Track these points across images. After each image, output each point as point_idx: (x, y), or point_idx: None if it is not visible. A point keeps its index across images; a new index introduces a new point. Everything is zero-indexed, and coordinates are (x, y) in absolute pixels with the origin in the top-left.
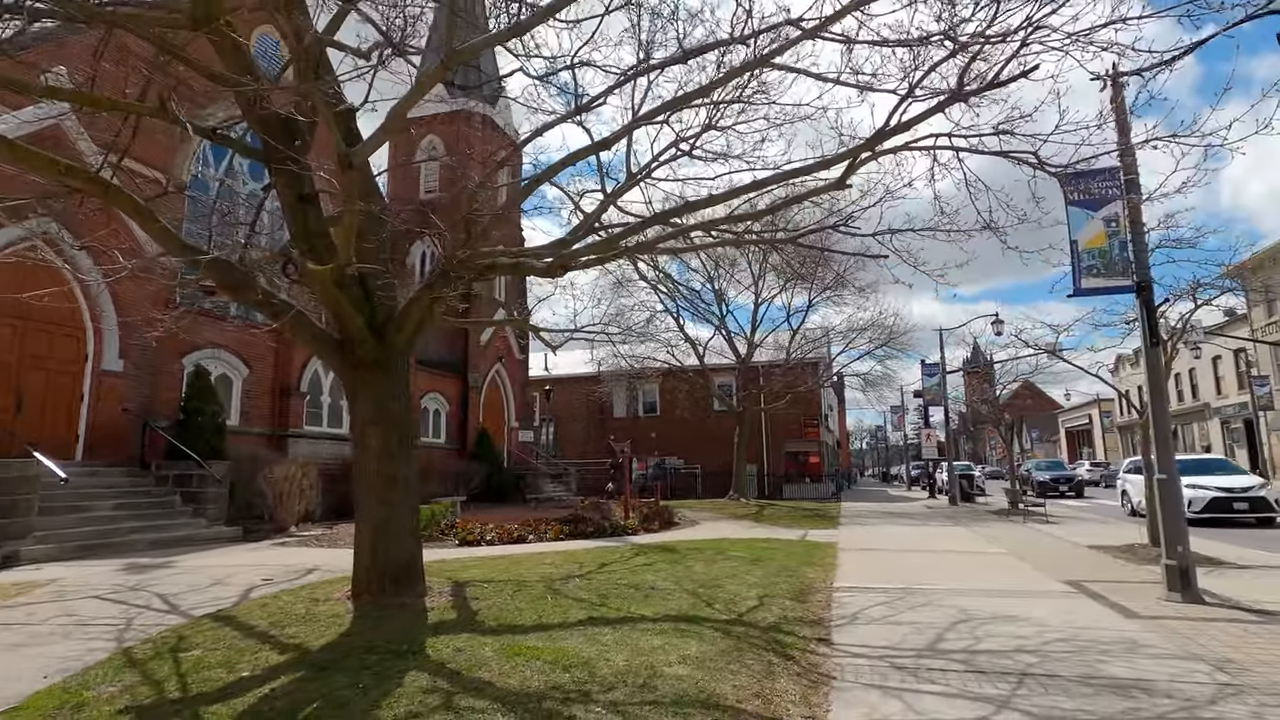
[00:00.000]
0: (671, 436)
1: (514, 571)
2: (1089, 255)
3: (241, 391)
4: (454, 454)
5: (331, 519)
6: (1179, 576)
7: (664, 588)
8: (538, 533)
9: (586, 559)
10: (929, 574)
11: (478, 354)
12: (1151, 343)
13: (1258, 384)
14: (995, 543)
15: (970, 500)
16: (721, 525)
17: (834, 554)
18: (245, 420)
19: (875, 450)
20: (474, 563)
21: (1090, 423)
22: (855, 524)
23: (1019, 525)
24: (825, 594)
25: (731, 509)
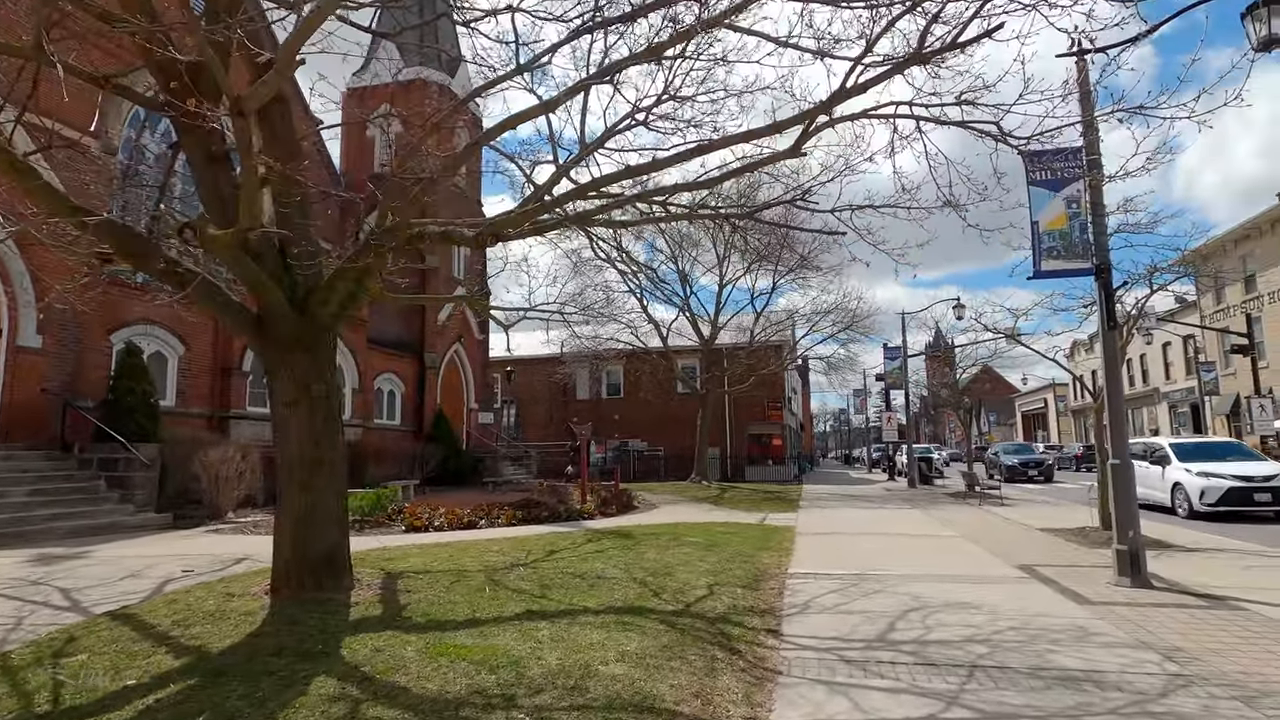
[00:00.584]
0: (635, 419)
1: (456, 560)
2: (1049, 237)
3: (178, 370)
4: (409, 436)
5: (274, 505)
6: (1129, 562)
7: (612, 576)
8: (490, 518)
9: (536, 546)
10: (884, 559)
11: (435, 334)
12: (1109, 326)
13: (1204, 369)
14: (950, 526)
15: (929, 483)
16: (681, 509)
17: (791, 538)
18: (182, 401)
19: (839, 433)
20: (416, 551)
21: (1046, 406)
22: (815, 507)
23: (975, 508)
24: (779, 581)
25: (693, 492)
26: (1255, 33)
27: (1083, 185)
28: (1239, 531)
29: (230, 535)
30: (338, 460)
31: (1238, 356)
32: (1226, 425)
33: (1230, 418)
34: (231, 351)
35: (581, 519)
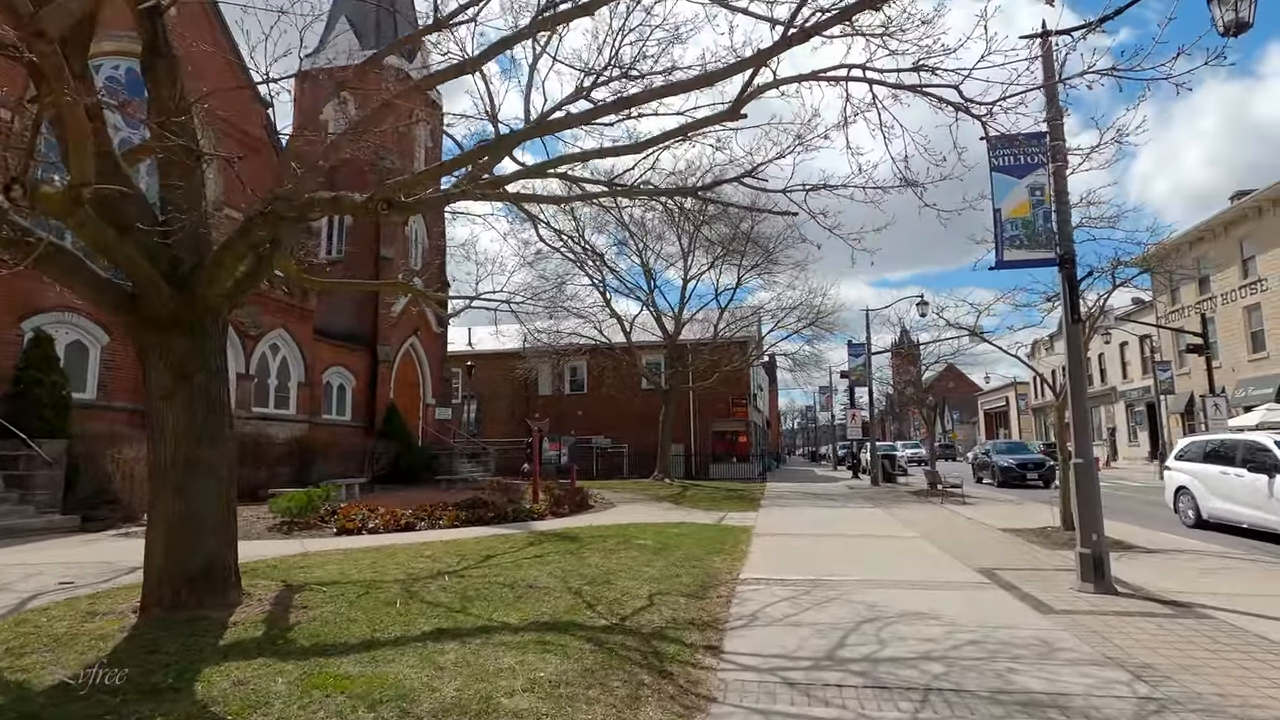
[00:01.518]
0: (598, 415)
1: (379, 568)
2: (1012, 225)
3: (100, 361)
4: (360, 432)
5: None
6: (1093, 566)
7: (546, 585)
8: (431, 518)
9: (472, 550)
10: (841, 563)
11: (389, 326)
12: (1072, 319)
13: (1160, 369)
14: (911, 526)
15: (892, 481)
16: (639, 508)
17: (747, 540)
18: (105, 394)
19: (806, 430)
20: (338, 557)
21: (1007, 405)
22: (776, 506)
23: (936, 507)
24: (729, 588)
25: (654, 490)
26: (1221, 16)
27: (1047, 173)
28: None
29: (139, 540)
30: (220, 459)
31: (1193, 356)
32: (1181, 424)
33: (1185, 416)
34: None
35: (531, 519)
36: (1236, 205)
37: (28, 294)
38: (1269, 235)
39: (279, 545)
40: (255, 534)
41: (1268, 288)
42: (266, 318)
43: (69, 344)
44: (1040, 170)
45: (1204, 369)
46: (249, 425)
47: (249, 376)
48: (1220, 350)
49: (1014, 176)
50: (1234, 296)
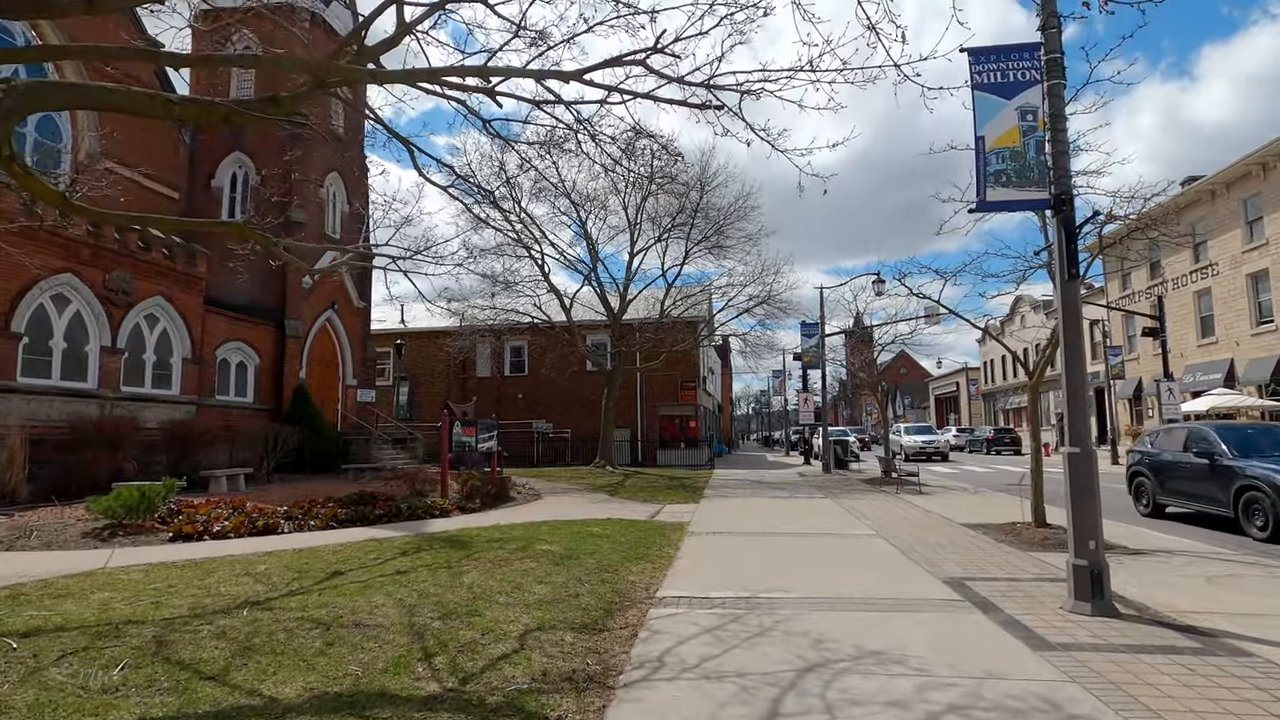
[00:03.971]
0: (540, 398)
1: (164, 597)
2: (998, 157)
3: None
4: (264, 416)
5: (48, 497)
6: (1089, 581)
7: (378, 623)
8: (308, 516)
9: (322, 564)
10: (783, 571)
11: (299, 299)
12: (1069, 274)
13: (1111, 353)
14: (864, 520)
15: (844, 467)
16: (568, 500)
17: (679, 540)
18: None
19: (761, 415)
20: (125, 579)
21: (958, 390)
22: (720, 497)
23: (890, 497)
24: (639, 612)
25: (592, 479)
26: None
27: (1041, 92)
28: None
29: None
30: None
31: (1146, 340)
32: (1129, 409)
33: (1133, 401)
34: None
35: (431, 517)
36: (1189, 189)
37: None
38: (1220, 220)
39: (71, 558)
40: (59, 542)
41: (1218, 273)
42: (141, 283)
43: None
44: (1033, 89)
45: (1154, 354)
46: (118, 407)
47: (116, 350)
48: (1170, 336)
49: (1000, 96)
50: (1184, 281)
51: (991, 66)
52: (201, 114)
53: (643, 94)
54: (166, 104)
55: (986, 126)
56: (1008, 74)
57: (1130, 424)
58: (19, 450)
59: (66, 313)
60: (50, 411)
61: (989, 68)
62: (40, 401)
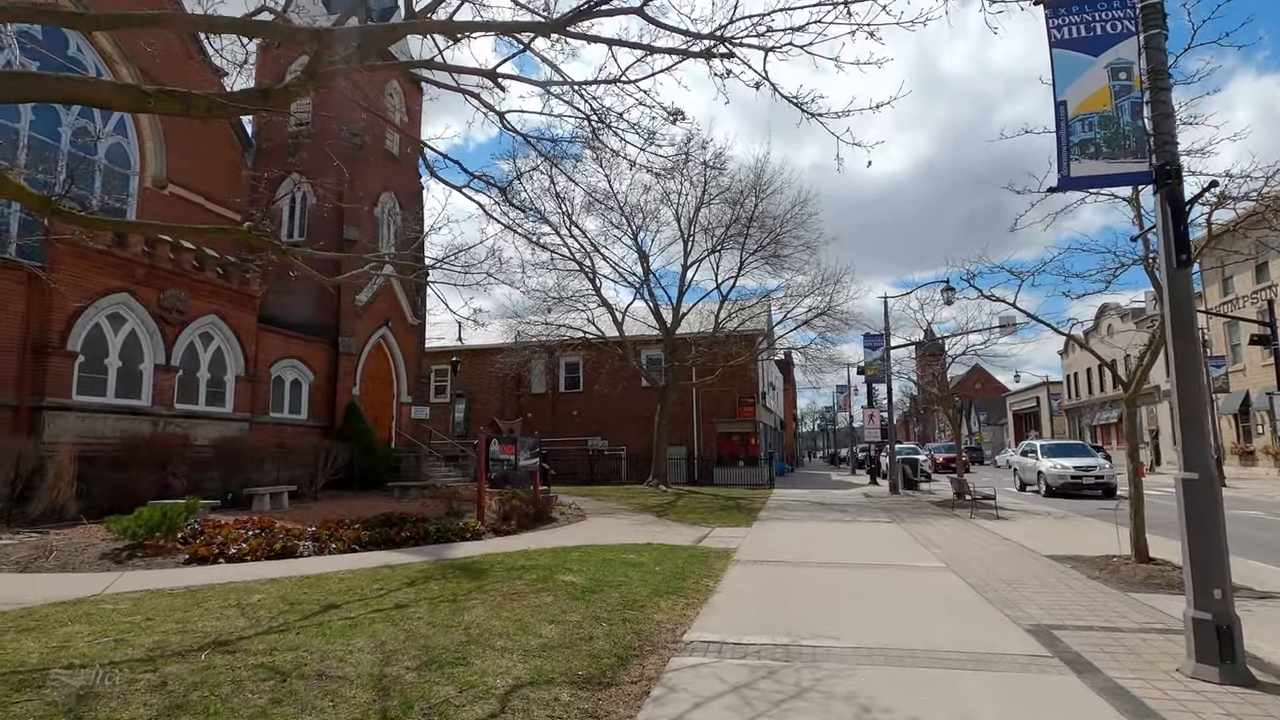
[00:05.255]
0: (595, 415)
1: (133, 632)
2: (1084, 125)
3: None
4: (317, 432)
5: (95, 515)
6: (1215, 640)
7: (342, 675)
8: (332, 538)
9: (321, 594)
10: (833, 610)
11: (353, 316)
12: (1177, 261)
13: (1213, 364)
14: (933, 549)
15: (913, 488)
16: (612, 522)
17: (721, 570)
18: None
19: (827, 432)
20: (111, 608)
21: (1038, 405)
22: (775, 519)
23: (964, 522)
24: (657, 662)
25: (643, 498)
26: None
27: (1138, 44)
28: None
29: None
30: None
31: (1253, 350)
32: (1234, 426)
33: (1239, 417)
34: (50, 324)
35: (462, 539)
36: None
37: None
38: None
39: (76, 582)
40: (75, 564)
41: None
42: (194, 302)
43: None
44: (1126, 42)
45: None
46: (171, 425)
47: (170, 368)
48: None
49: (1085, 53)
50: None
51: (1074, 19)
52: (179, 106)
53: (641, 45)
54: (140, 95)
55: (1068, 90)
56: (1094, 26)
57: (1236, 442)
58: (68, 467)
59: (122, 331)
60: (104, 429)
61: (1070, 20)
62: (94, 419)
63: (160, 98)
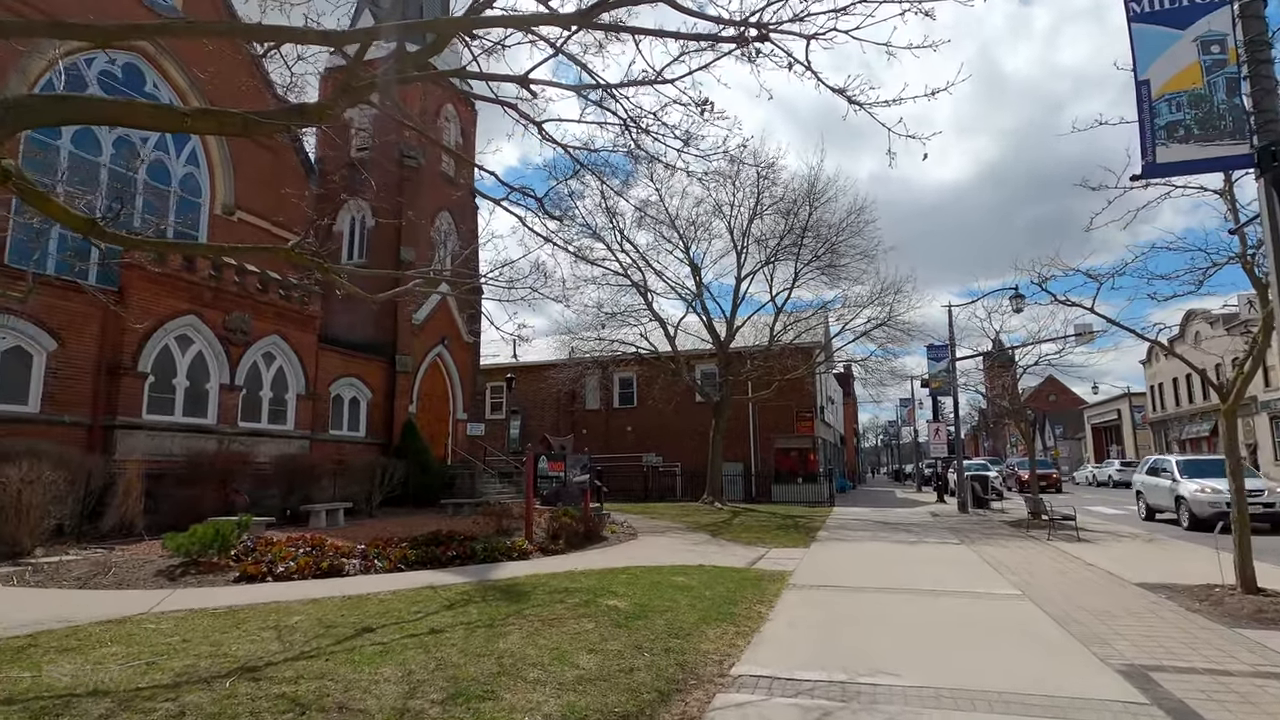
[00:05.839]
0: (649, 430)
1: (164, 656)
2: (1171, 105)
3: (46, 370)
4: (375, 449)
5: (160, 531)
6: None
7: (363, 708)
8: (381, 557)
9: (355, 616)
10: (894, 644)
11: (409, 335)
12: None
13: None
14: (1007, 574)
15: (984, 506)
16: (662, 541)
17: (775, 594)
18: (51, 407)
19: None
20: (143, 627)
21: (1119, 418)
22: (834, 540)
23: (1040, 544)
24: (701, 698)
25: (697, 516)
26: None
27: (1231, 13)
28: None
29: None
30: None
31: None
32: None
33: None
34: (123, 346)
35: (509, 558)
36: None
37: None
38: None
39: (127, 599)
40: (130, 580)
41: None
42: (258, 323)
43: (7, 350)
44: (1217, 12)
45: None
46: (234, 442)
47: (234, 388)
48: None
49: (1170, 26)
50: None
51: None
52: (214, 124)
53: (666, 33)
54: (177, 115)
55: (1151, 68)
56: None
57: None
58: (136, 484)
59: (190, 352)
60: (172, 446)
61: None
62: (163, 437)
63: (196, 117)
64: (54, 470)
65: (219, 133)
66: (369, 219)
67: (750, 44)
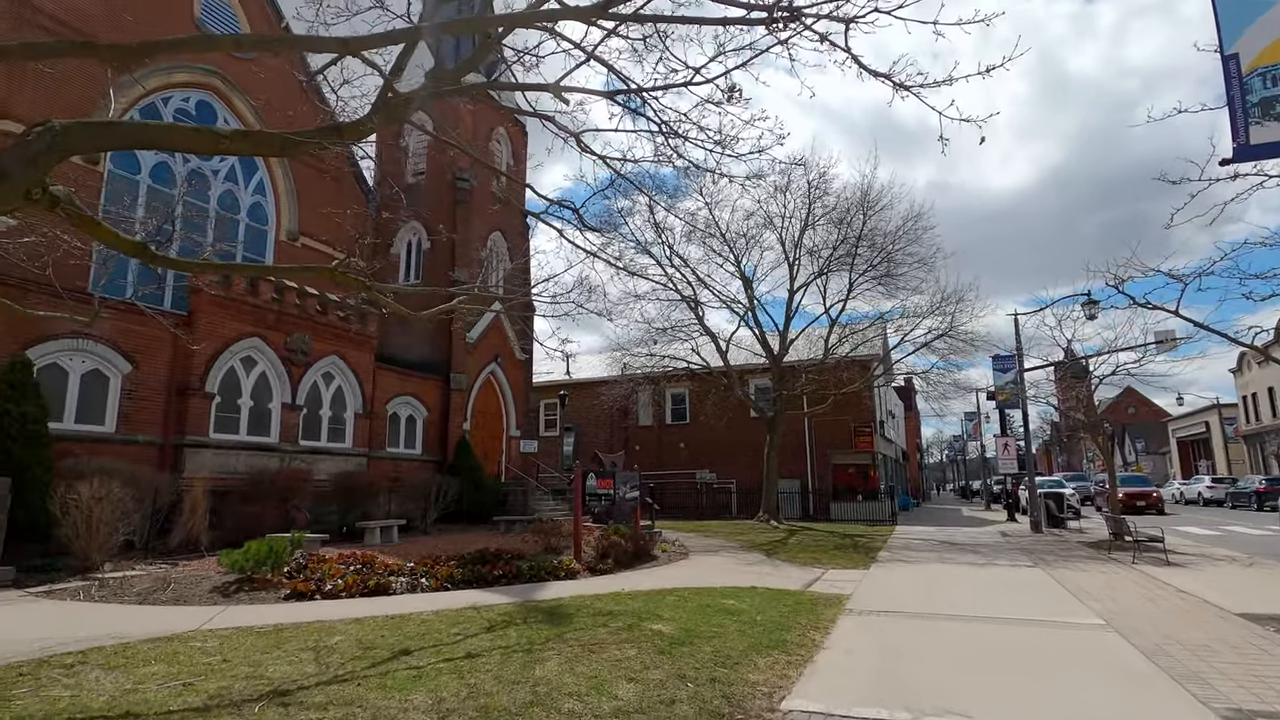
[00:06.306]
0: (703, 447)
1: (202, 677)
2: (1265, 80)
3: (121, 392)
4: (430, 467)
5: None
6: None
7: None
8: (428, 575)
9: (395, 638)
10: (963, 679)
11: (463, 353)
12: None
13: None
14: (1088, 601)
15: (1059, 526)
16: (714, 561)
17: (831, 620)
18: (126, 426)
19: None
20: (189, 645)
21: (1207, 431)
22: (897, 561)
23: (1124, 568)
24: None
25: (752, 534)
26: None
27: None
28: None
29: (51, 603)
30: None
31: None
32: None
33: None
34: (191, 369)
35: (556, 578)
36: None
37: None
38: None
39: (180, 616)
40: (187, 597)
41: None
42: (317, 344)
43: (86, 373)
44: None
45: None
46: (295, 460)
47: (295, 407)
48: None
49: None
50: None
51: None
52: (251, 145)
53: (684, 19)
54: (216, 138)
55: (1240, 40)
56: None
57: None
58: (201, 501)
59: (254, 373)
60: (236, 464)
61: None
62: (228, 455)
63: (233, 139)
64: (122, 488)
65: (256, 153)
66: (424, 241)
67: (781, 23)
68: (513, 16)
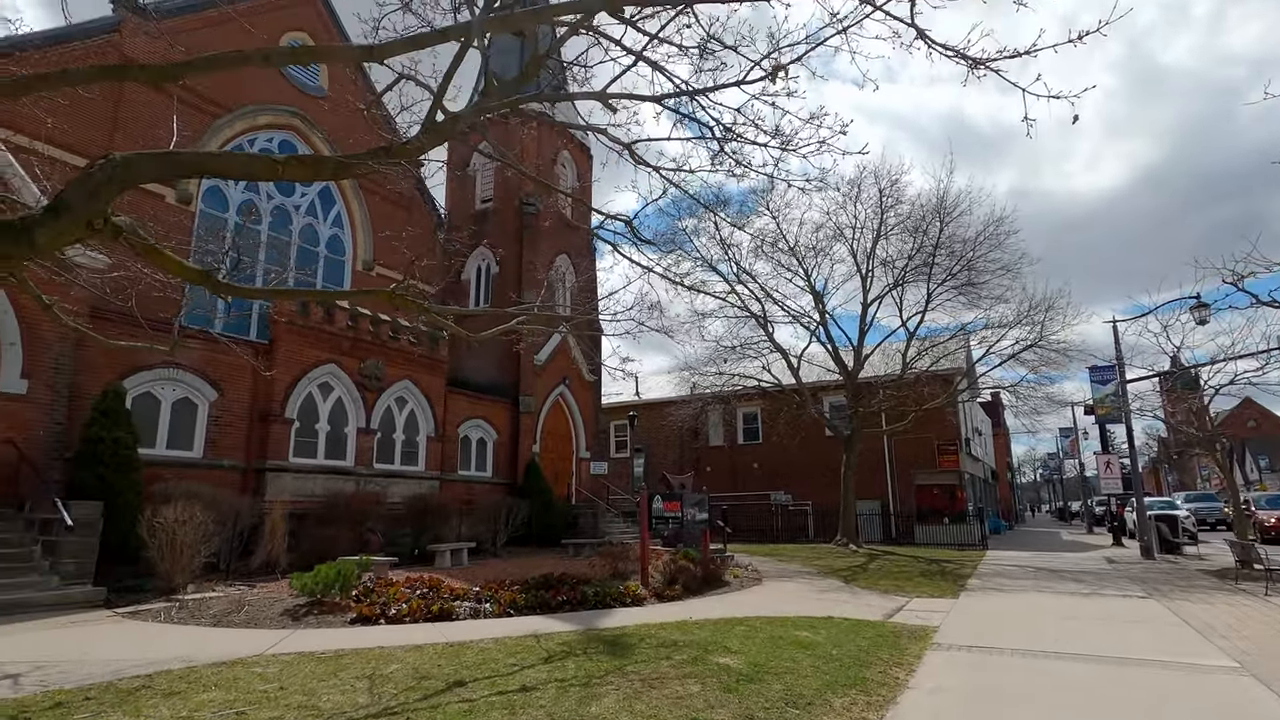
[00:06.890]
0: (778, 467)
1: (256, 705)
2: None
3: (208, 418)
4: (501, 489)
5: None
6: None
7: None
8: (492, 600)
9: (450, 667)
10: None
11: (532, 376)
12: None
13: None
14: (1215, 639)
15: (1174, 551)
16: (789, 587)
17: (916, 657)
18: (213, 452)
19: (1051, 483)
20: (250, 670)
21: None
22: (989, 590)
23: (1256, 600)
24: None
25: (830, 559)
26: None
27: None
28: None
29: (136, 623)
30: None
31: None
32: None
33: None
34: (273, 395)
35: (622, 604)
36: None
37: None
38: None
39: (249, 639)
40: (258, 619)
41: None
42: (390, 369)
43: (176, 401)
44: None
45: None
46: (370, 483)
47: (370, 431)
48: None
49: None
50: None
51: None
52: (307, 171)
53: None
54: (271, 164)
55: None
56: None
57: None
58: (280, 524)
59: (330, 398)
60: (314, 488)
61: None
62: (306, 479)
63: (290, 164)
64: (204, 511)
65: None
66: (493, 266)
67: None
68: (519, 16)
